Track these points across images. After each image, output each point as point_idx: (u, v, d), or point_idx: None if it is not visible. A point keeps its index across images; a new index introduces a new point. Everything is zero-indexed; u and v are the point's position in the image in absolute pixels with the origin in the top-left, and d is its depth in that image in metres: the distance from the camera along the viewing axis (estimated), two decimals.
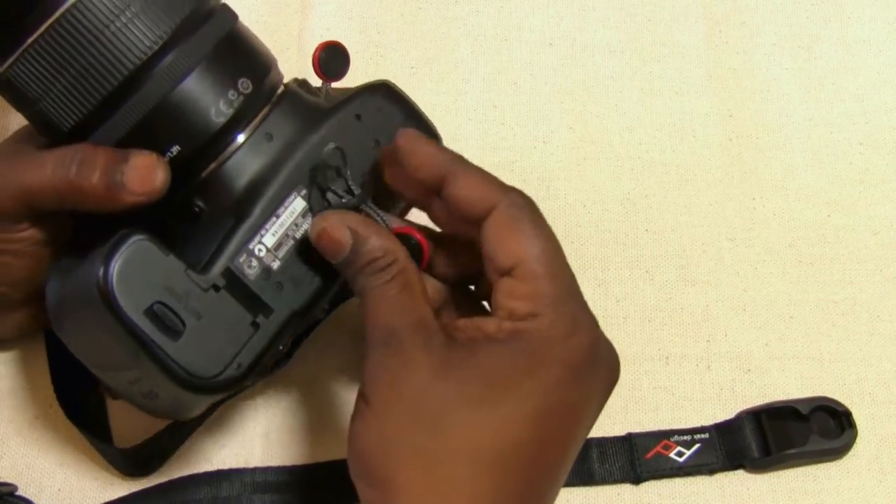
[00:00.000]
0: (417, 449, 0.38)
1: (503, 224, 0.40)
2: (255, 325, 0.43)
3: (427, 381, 0.39)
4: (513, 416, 0.39)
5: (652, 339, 0.58)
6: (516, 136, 0.63)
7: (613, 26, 0.66)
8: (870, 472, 0.55)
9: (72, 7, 0.41)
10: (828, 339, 0.59)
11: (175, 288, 0.41)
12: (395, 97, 0.48)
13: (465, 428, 0.38)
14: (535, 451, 0.39)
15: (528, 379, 0.39)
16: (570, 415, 0.40)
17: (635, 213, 0.61)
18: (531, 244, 0.40)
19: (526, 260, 0.40)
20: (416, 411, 0.39)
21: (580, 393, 0.40)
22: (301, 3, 0.65)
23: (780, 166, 0.63)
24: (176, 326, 0.41)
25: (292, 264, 0.44)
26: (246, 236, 0.43)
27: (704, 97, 0.65)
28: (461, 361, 0.39)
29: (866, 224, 0.62)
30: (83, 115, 0.42)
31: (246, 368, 0.43)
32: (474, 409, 0.38)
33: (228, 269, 0.43)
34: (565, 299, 0.40)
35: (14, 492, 0.51)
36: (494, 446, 0.38)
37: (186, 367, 0.41)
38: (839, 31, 0.67)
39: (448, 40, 0.65)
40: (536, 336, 0.39)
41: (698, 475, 0.55)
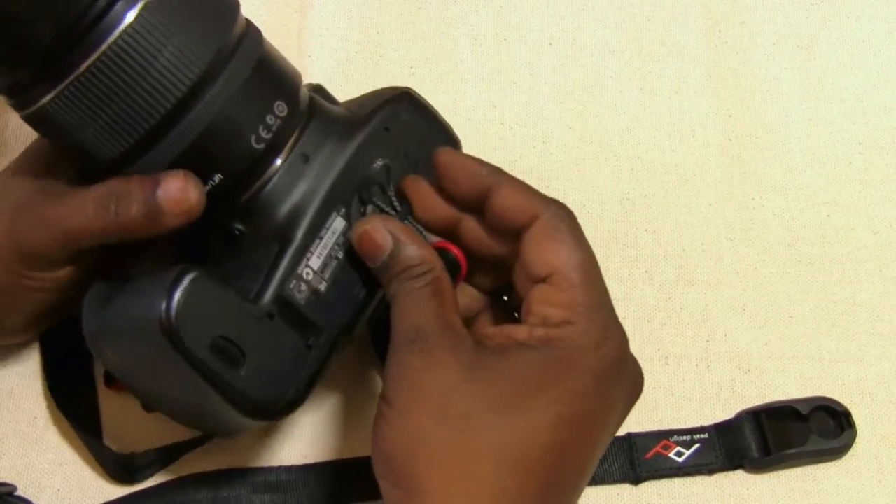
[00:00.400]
0: (443, 448, 0.39)
1: (544, 233, 0.41)
2: (308, 348, 0.44)
3: (455, 381, 0.39)
4: (539, 420, 0.39)
5: (651, 338, 0.58)
6: (516, 136, 0.63)
7: (613, 26, 0.66)
8: (869, 472, 0.55)
9: (114, 43, 0.40)
10: (827, 338, 0.59)
11: (233, 320, 0.42)
12: (419, 107, 0.49)
13: (491, 430, 0.39)
14: (558, 456, 0.39)
15: (556, 385, 0.39)
16: (594, 423, 0.41)
17: (635, 212, 0.61)
18: (570, 254, 0.41)
19: (563, 268, 0.41)
20: (442, 411, 0.39)
21: (605, 402, 0.41)
22: (300, 3, 0.65)
23: (779, 166, 0.63)
24: (237, 358, 0.42)
25: (338, 283, 0.44)
26: (293, 261, 0.44)
27: (704, 97, 0.65)
28: (490, 365, 0.40)
29: (866, 224, 0.62)
30: (125, 149, 0.42)
31: (305, 389, 0.44)
32: (502, 412, 0.39)
33: (280, 295, 0.43)
34: (598, 309, 0.41)
35: (13, 492, 0.51)
36: (520, 449, 0.39)
37: (251, 397, 0.42)
38: (839, 31, 0.67)
39: (448, 40, 0.65)
40: (568, 343, 0.40)
41: (698, 475, 0.55)
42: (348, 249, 0.45)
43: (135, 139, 0.42)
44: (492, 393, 0.39)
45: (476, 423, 0.39)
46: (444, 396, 0.39)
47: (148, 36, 0.41)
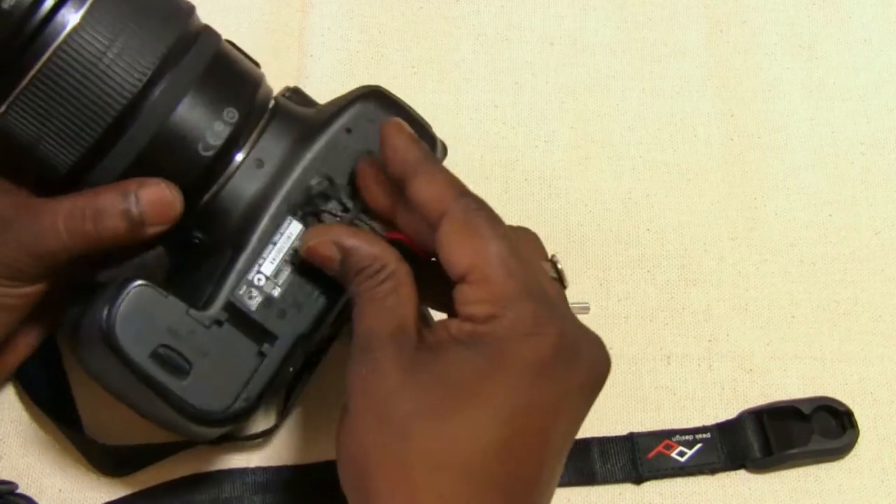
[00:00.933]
0: (388, 456, 0.38)
1: (453, 230, 0.40)
2: (261, 355, 0.43)
3: (395, 386, 0.38)
4: (476, 421, 0.38)
5: (653, 338, 0.58)
6: (517, 136, 0.63)
7: (615, 26, 0.66)
8: (871, 472, 0.55)
9: (58, 49, 0.40)
10: (829, 338, 0.59)
11: (178, 329, 0.42)
12: (386, 104, 0.47)
13: (429, 435, 0.38)
14: (505, 454, 0.38)
15: (490, 382, 0.38)
16: (540, 415, 0.39)
17: (637, 212, 0.61)
18: (484, 247, 0.39)
19: (479, 264, 0.39)
20: (385, 417, 0.38)
21: (550, 392, 0.39)
22: (302, 3, 0.65)
23: (781, 166, 0.63)
24: (182, 367, 0.42)
25: (294, 289, 0.44)
26: (244, 267, 0.43)
27: (706, 97, 0.65)
28: (425, 366, 0.39)
29: (868, 224, 0.62)
30: (79, 156, 0.42)
31: (256, 398, 0.43)
32: (436, 416, 0.38)
33: (230, 302, 0.43)
34: (524, 298, 0.39)
35: (14, 490, 0.51)
36: (461, 452, 0.38)
37: (196, 405, 0.42)
38: (840, 31, 0.67)
39: (449, 40, 0.65)
40: (496, 338, 0.38)
41: (700, 475, 0.55)
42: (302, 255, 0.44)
43: (86, 147, 0.42)
44: (426, 397, 0.38)
45: (412, 428, 0.38)
46: (384, 402, 0.38)
47: (91, 41, 0.41)
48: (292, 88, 0.49)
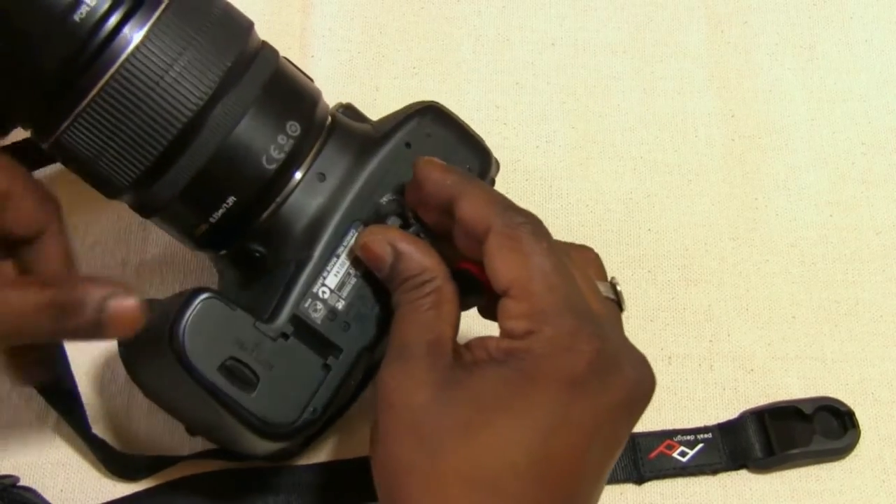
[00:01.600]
0: (420, 470, 0.38)
1: (498, 244, 0.40)
2: (326, 368, 0.43)
3: (427, 401, 0.38)
4: (507, 437, 0.38)
5: (654, 338, 0.58)
6: (518, 136, 0.63)
7: (615, 26, 0.66)
8: (873, 473, 0.55)
9: (121, 67, 0.40)
10: (830, 339, 0.59)
11: (245, 341, 0.42)
12: (443, 120, 0.48)
13: (458, 451, 0.38)
14: (537, 471, 0.38)
15: (522, 398, 0.38)
16: (575, 432, 0.38)
17: (638, 212, 0.61)
18: (525, 262, 0.39)
19: (520, 279, 0.39)
20: (416, 432, 0.38)
21: (585, 409, 0.38)
22: (303, 3, 0.65)
23: (782, 166, 0.63)
24: (250, 379, 0.42)
25: (357, 302, 0.44)
26: (309, 280, 0.44)
27: (706, 97, 0.65)
28: (458, 383, 0.39)
29: (869, 224, 0.62)
30: (140, 172, 0.42)
31: (322, 410, 0.43)
32: (467, 432, 0.38)
33: (295, 315, 0.43)
34: (562, 313, 0.39)
35: (16, 483, 0.51)
36: (492, 469, 0.37)
37: (264, 418, 0.42)
38: (841, 32, 0.67)
39: (450, 40, 0.65)
40: (531, 354, 0.38)
41: (701, 475, 0.55)
42: (366, 267, 0.44)
43: (148, 164, 0.42)
44: (458, 412, 0.38)
45: (443, 443, 0.38)
46: (415, 416, 0.38)
47: (155, 58, 0.41)
48: (345, 105, 0.49)
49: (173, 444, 0.53)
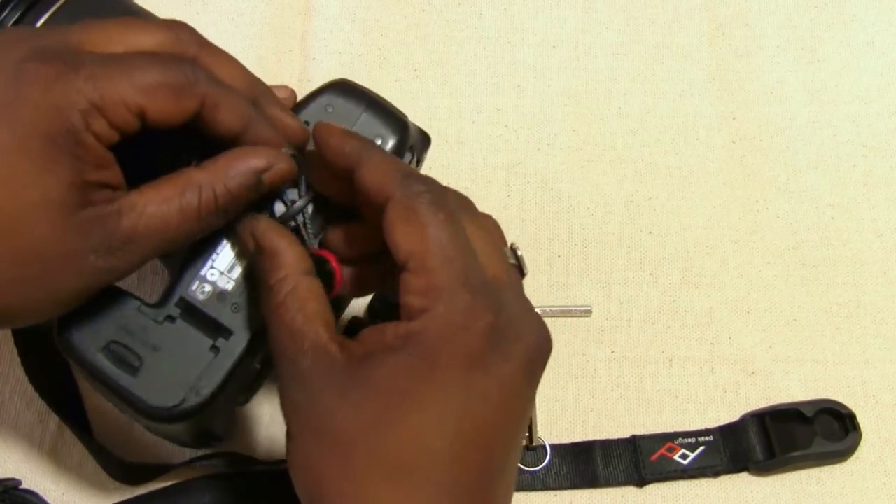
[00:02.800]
0: (336, 475, 0.37)
1: (397, 215, 0.38)
2: (214, 350, 0.43)
3: (329, 405, 0.37)
4: (418, 427, 0.37)
5: (656, 341, 0.58)
6: (520, 139, 0.63)
7: (617, 29, 0.66)
8: (874, 475, 0.55)
9: None
10: (831, 341, 0.59)
11: (130, 325, 0.42)
12: (347, 93, 0.46)
13: (373, 448, 0.37)
14: (454, 455, 0.37)
15: (426, 385, 0.37)
16: (483, 409, 0.38)
17: (639, 215, 0.61)
18: (423, 234, 0.38)
19: (418, 251, 0.38)
20: (326, 438, 0.37)
21: (488, 384, 0.38)
22: (304, 6, 0.65)
23: (783, 169, 0.63)
24: (133, 362, 0.42)
25: (249, 283, 0.43)
26: (199, 263, 0.43)
27: (707, 100, 0.65)
28: (358, 380, 0.37)
29: (870, 226, 0.62)
30: None
31: (210, 393, 0.42)
32: (377, 429, 0.37)
33: (182, 297, 0.43)
34: (457, 289, 0.37)
35: (18, 486, 0.52)
36: (408, 460, 0.37)
37: (147, 400, 0.42)
38: (842, 34, 0.67)
39: (451, 43, 0.65)
40: (427, 336, 0.37)
41: (702, 477, 0.55)
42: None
43: None
44: (365, 410, 0.37)
45: (356, 444, 0.37)
46: (321, 421, 0.37)
47: None
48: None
49: (173, 448, 0.53)
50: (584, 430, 0.56)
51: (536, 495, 0.55)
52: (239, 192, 0.40)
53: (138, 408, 0.42)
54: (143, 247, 0.39)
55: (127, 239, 0.39)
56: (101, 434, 0.54)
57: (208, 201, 0.40)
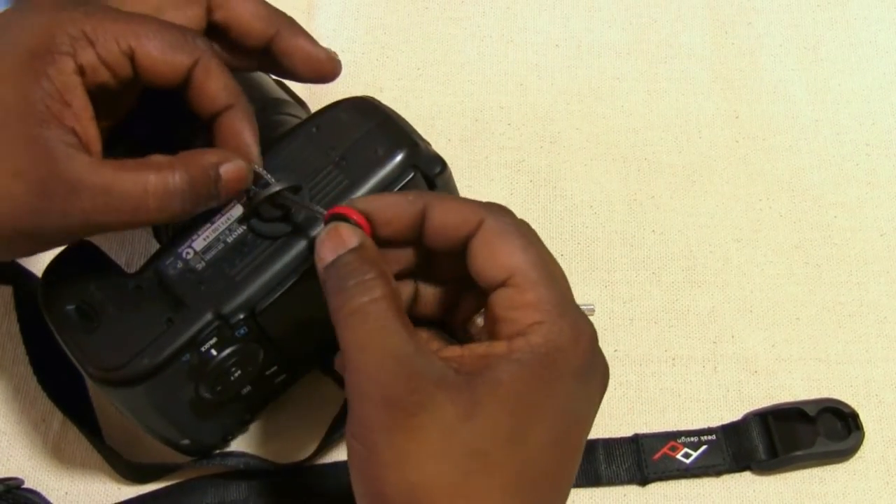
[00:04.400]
0: (451, 490, 0.36)
1: (493, 236, 0.39)
2: (169, 322, 0.43)
3: (452, 422, 0.36)
4: (540, 440, 0.37)
5: (658, 340, 0.58)
6: (523, 137, 0.63)
7: (620, 28, 0.66)
8: (877, 474, 0.55)
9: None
10: (834, 340, 0.59)
11: (104, 288, 0.44)
12: (364, 108, 0.47)
13: (502, 462, 0.37)
14: (555, 468, 0.38)
15: (550, 396, 0.37)
16: (579, 425, 0.39)
17: (642, 213, 0.61)
18: (524, 253, 0.39)
19: (521, 267, 0.38)
20: (445, 454, 0.36)
21: (587, 400, 0.39)
22: (307, 5, 0.65)
23: (786, 167, 0.63)
24: (94, 322, 0.43)
25: (219, 266, 0.44)
26: (179, 240, 0.45)
27: (711, 98, 0.65)
28: (482, 394, 0.36)
29: (873, 225, 0.62)
30: None
31: (156, 364, 0.43)
32: (510, 441, 0.37)
33: (155, 270, 0.44)
34: (565, 303, 0.39)
35: (21, 485, 0.52)
36: (529, 472, 0.37)
37: (93, 358, 0.43)
38: (845, 33, 0.67)
39: (454, 41, 0.66)
40: (546, 347, 0.37)
41: (705, 476, 0.55)
42: (238, 236, 0.44)
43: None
44: (496, 425, 0.37)
45: (486, 459, 0.36)
46: (444, 440, 0.36)
47: None
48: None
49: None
50: None
51: None
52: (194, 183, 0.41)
53: (83, 365, 0.43)
54: (85, 203, 0.39)
55: (70, 186, 0.39)
56: (106, 436, 0.54)
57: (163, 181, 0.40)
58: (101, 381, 0.43)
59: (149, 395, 0.44)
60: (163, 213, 0.40)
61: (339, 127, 0.46)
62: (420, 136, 0.47)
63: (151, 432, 0.48)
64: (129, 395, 0.44)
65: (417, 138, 0.46)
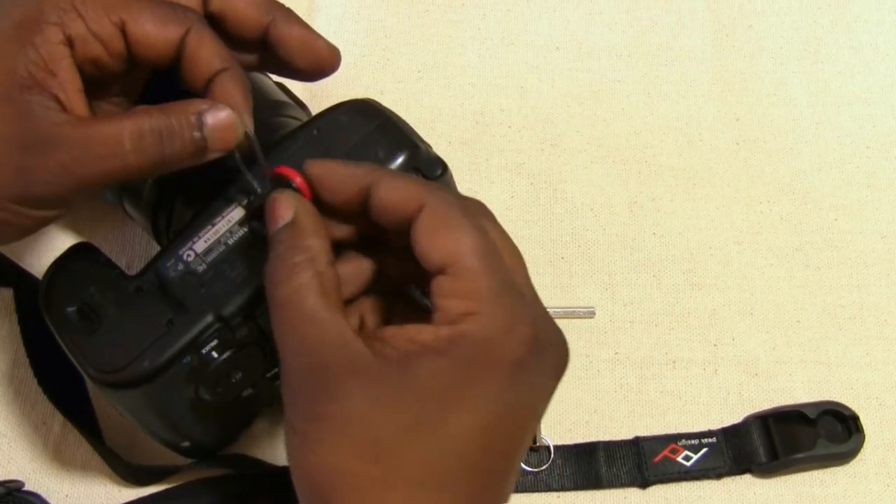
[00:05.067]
0: (362, 478, 0.36)
1: (434, 220, 0.38)
2: (169, 324, 0.43)
3: (362, 409, 0.36)
4: (458, 433, 0.36)
5: (659, 343, 0.58)
6: (523, 139, 0.63)
7: (620, 30, 0.66)
8: (877, 477, 0.55)
9: None
10: (835, 343, 0.59)
11: (105, 291, 0.44)
12: (364, 110, 0.47)
13: (407, 454, 0.36)
14: (483, 460, 0.37)
15: (471, 390, 0.36)
16: (517, 416, 0.38)
17: (642, 216, 0.61)
18: (464, 238, 0.37)
19: (459, 254, 0.37)
20: (353, 441, 0.36)
21: (525, 390, 0.38)
22: (308, 7, 0.65)
23: (787, 170, 0.63)
24: (95, 324, 0.43)
25: (220, 269, 0.44)
26: (180, 243, 0.44)
27: (711, 101, 0.65)
28: (397, 382, 0.36)
29: (873, 228, 0.62)
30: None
31: (157, 366, 0.43)
32: (415, 434, 0.36)
33: (156, 272, 0.44)
34: (502, 292, 0.37)
35: (21, 487, 0.52)
36: (441, 467, 0.36)
37: (93, 360, 0.43)
38: (846, 35, 0.67)
39: (455, 44, 0.66)
40: (475, 338, 0.36)
41: (705, 479, 0.55)
42: (239, 238, 0.44)
43: None
44: (402, 414, 0.36)
45: (389, 449, 0.36)
46: (352, 426, 0.36)
47: None
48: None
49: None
50: (587, 431, 0.56)
51: (539, 496, 0.55)
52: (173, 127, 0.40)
53: (84, 366, 0.43)
54: (63, 156, 0.39)
55: (48, 139, 0.39)
56: (107, 438, 0.54)
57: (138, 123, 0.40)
58: (101, 383, 0.43)
59: (149, 397, 0.44)
60: (141, 157, 0.40)
61: (340, 129, 0.46)
62: (421, 139, 0.47)
63: (152, 434, 0.48)
64: (130, 397, 0.44)
65: (418, 140, 0.46)
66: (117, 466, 0.52)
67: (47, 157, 0.39)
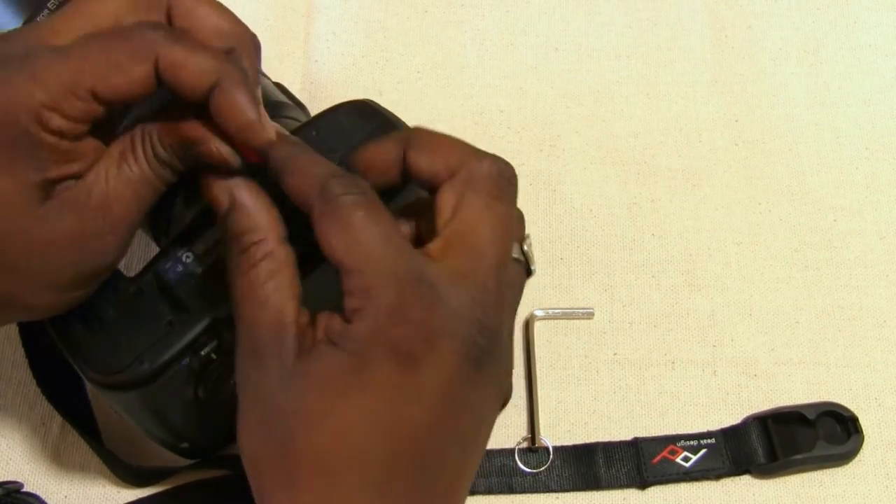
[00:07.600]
0: (274, 458, 0.37)
1: (322, 222, 0.37)
2: (170, 325, 0.43)
3: (275, 391, 0.37)
4: (349, 424, 0.36)
5: (658, 343, 0.58)
6: (522, 140, 0.63)
7: (619, 31, 0.66)
8: (876, 478, 0.55)
9: None
10: (834, 344, 0.59)
11: (105, 292, 0.44)
12: (364, 112, 0.47)
13: (305, 439, 0.37)
14: (387, 451, 0.37)
15: (356, 383, 0.36)
16: (417, 405, 0.37)
17: (641, 217, 0.61)
18: (348, 236, 0.37)
19: (346, 253, 0.37)
20: (268, 420, 0.37)
21: (422, 380, 0.37)
22: (307, 7, 0.65)
23: (786, 171, 0.63)
24: (95, 326, 0.43)
25: (219, 270, 0.43)
26: (180, 244, 0.45)
27: (710, 102, 0.65)
28: (301, 371, 0.37)
29: (872, 229, 0.62)
30: None
31: (156, 367, 0.43)
32: (311, 421, 0.37)
33: (156, 273, 0.44)
34: (385, 287, 0.36)
35: (20, 489, 0.52)
36: (338, 455, 0.37)
37: (92, 361, 0.43)
38: (845, 36, 0.67)
39: (454, 44, 0.66)
40: (359, 334, 0.36)
41: (704, 480, 0.55)
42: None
43: None
44: (303, 400, 0.37)
45: (291, 433, 0.37)
46: (265, 406, 0.37)
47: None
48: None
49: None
50: (586, 432, 0.56)
51: (538, 497, 0.55)
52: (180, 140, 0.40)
53: (83, 368, 0.43)
54: (121, 209, 0.40)
55: (102, 210, 0.39)
56: (106, 439, 0.54)
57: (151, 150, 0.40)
58: (100, 385, 0.44)
59: (148, 398, 0.44)
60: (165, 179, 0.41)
61: (339, 130, 0.46)
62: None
63: (151, 435, 0.48)
64: (129, 399, 0.44)
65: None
66: (116, 467, 0.52)
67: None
